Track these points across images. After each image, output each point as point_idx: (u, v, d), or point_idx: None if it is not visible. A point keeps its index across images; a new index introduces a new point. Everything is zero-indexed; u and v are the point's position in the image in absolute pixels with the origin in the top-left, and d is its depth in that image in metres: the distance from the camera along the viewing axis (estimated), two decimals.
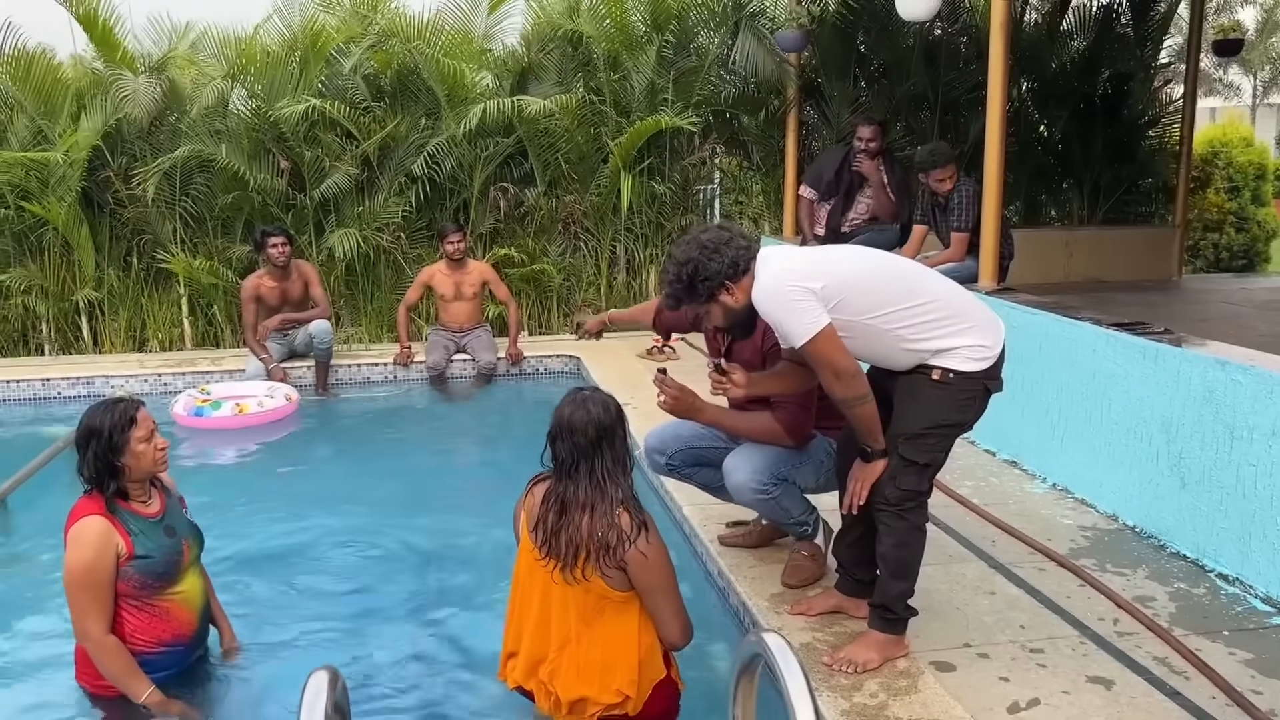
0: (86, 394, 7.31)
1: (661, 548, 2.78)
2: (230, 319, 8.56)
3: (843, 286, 2.99)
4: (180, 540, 3.21)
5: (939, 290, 3.12)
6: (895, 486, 3.09)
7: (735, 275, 3.06)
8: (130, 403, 3.13)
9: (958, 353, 3.05)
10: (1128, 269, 8.49)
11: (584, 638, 2.82)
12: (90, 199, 8.30)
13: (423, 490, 5.57)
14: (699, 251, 3.06)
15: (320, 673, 1.48)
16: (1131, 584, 3.82)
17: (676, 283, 3.10)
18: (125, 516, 3.08)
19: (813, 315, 2.95)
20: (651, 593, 2.76)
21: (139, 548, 3.05)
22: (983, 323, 3.13)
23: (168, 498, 3.27)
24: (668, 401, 3.46)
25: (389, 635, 3.85)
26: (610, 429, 2.81)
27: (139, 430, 3.06)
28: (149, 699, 3.03)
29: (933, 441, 3.10)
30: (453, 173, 8.62)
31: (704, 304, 3.14)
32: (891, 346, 3.09)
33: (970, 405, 3.13)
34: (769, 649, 1.63)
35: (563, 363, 8.03)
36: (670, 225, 9.13)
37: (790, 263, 3.06)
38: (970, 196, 5.85)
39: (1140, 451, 4.31)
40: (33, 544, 4.70)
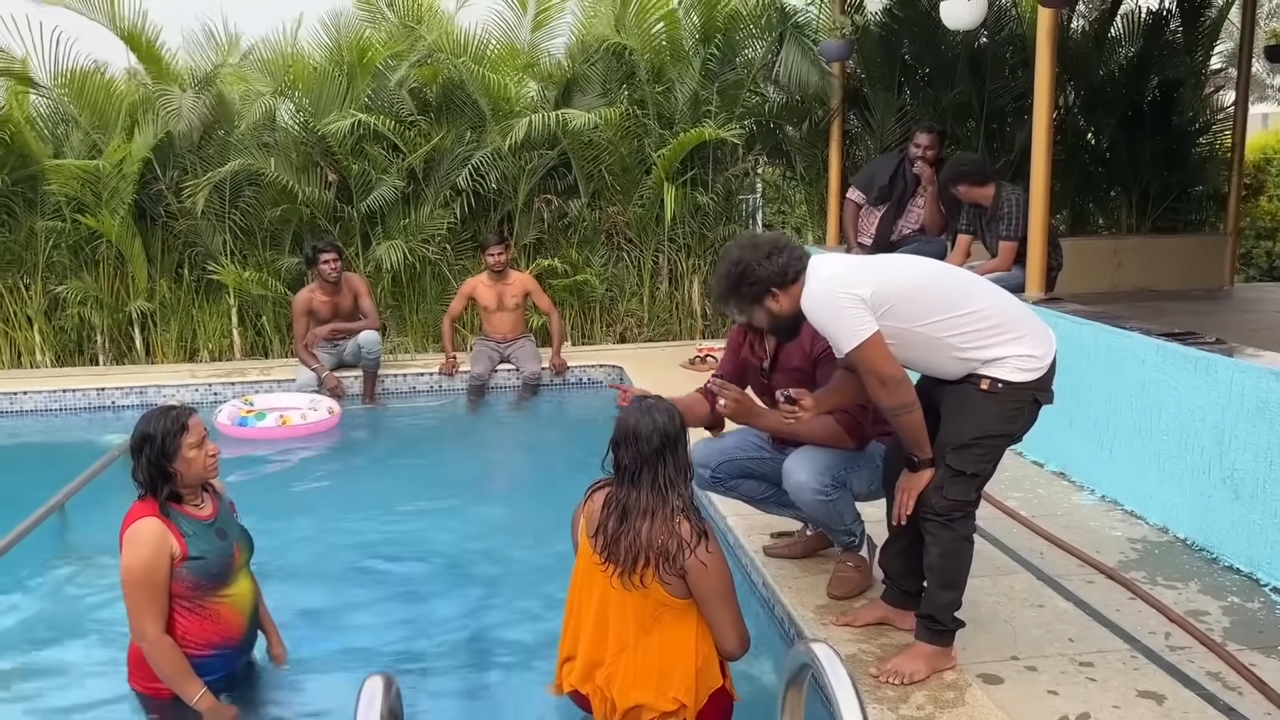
0: (140, 403, 7.45)
1: (721, 557, 2.79)
2: (279, 329, 8.68)
3: (892, 294, 2.98)
4: (231, 543, 3.27)
5: (990, 299, 3.10)
6: (943, 496, 3.07)
7: (783, 282, 3.07)
8: (182, 410, 3.20)
9: (1007, 362, 3.03)
10: (1177, 278, 8.37)
11: (641, 644, 2.82)
12: (143, 212, 8.46)
13: (470, 498, 5.62)
14: (751, 254, 3.08)
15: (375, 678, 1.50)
16: (1183, 598, 3.76)
17: (725, 279, 3.13)
18: (179, 519, 3.14)
19: (860, 322, 2.95)
20: (710, 601, 2.77)
21: (192, 549, 3.11)
22: (1033, 333, 3.11)
23: (219, 502, 3.33)
24: (728, 406, 3.47)
25: (437, 641, 3.88)
26: (674, 437, 2.83)
27: (190, 437, 3.13)
28: (201, 701, 3.08)
29: (981, 452, 3.08)
30: (497, 185, 8.68)
31: (748, 306, 3.14)
32: (941, 355, 3.07)
33: (1019, 416, 3.11)
34: (818, 660, 1.63)
35: (606, 372, 8.06)
36: (713, 236, 9.13)
37: (839, 270, 3.05)
38: (1017, 205, 5.80)
39: (1192, 463, 4.25)
40: (90, 549, 4.80)
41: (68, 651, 3.83)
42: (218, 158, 8.37)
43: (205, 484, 3.28)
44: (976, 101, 8.91)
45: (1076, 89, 9.41)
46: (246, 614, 3.32)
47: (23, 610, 4.17)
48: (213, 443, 3.22)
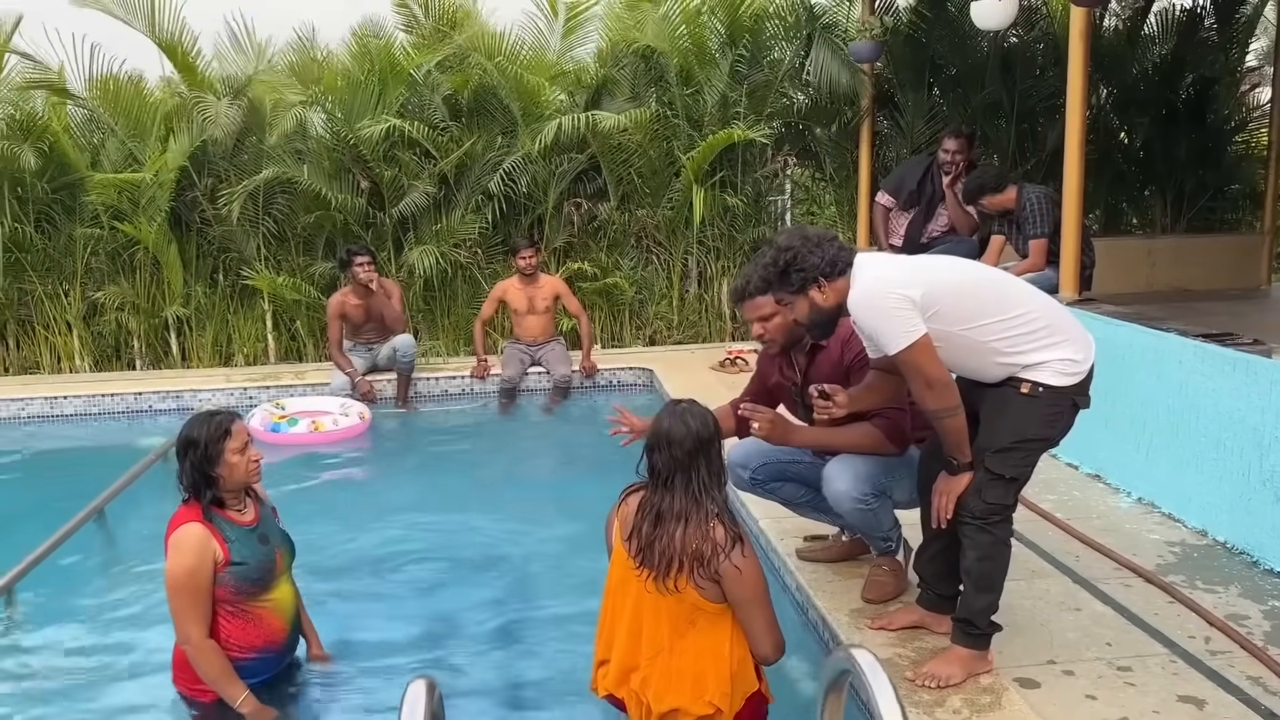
0: (176, 407, 7.54)
1: (756, 561, 2.80)
2: (312, 334, 8.76)
3: (940, 296, 2.97)
4: (273, 549, 3.31)
5: (1033, 302, 3.09)
6: (981, 500, 3.06)
7: (831, 274, 3.05)
8: (225, 415, 3.24)
9: (1048, 366, 3.02)
10: (1213, 277, 8.27)
11: (676, 648, 2.83)
12: (179, 218, 8.57)
13: (502, 500, 5.65)
14: (801, 242, 3.07)
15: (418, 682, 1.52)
16: (1223, 601, 3.72)
17: (772, 266, 3.11)
18: (222, 524, 3.18)
19: (910, 323, 2.93)
20: (744, 606, 2.77)
21: (235, 554, 3.16)
22: (1074, 336, 3.10)
23: (261, 507, 3.37)
24: (762, 428, 3.46)
25: (473, 645, 3.91)
26: (708, 442, 2.84)
27: (233, 442, 3.17)
28: (244, 704, 3.12)
29: (1020, 456, 3.07)
30: (528, 189, 8.73)
31: (792, 294, 3.11)
32: (984, 359, 3.06)
33: (1058, 420, 3.10)
34: (859, 665, 1.64)
35: (636, 375, 8.07)
36: (742, 238, 9.12)
37: (888, 270, 3.05)
38: (1038, 203, 5.76)
39: (1231, 465, 4.21)
40: (130, 551, 4.87)
41: (110, 653, 3.89)
42: (251, 165, 8.47)
43: (248, 489, 3.32)
44: (1007, 101, 8.86)
45: (1109, 87, 9.34)
46: (288, 618, 3.36)
47: (65, 613, 4.23)
48: (256, 449, 3.26)
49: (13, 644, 3.98)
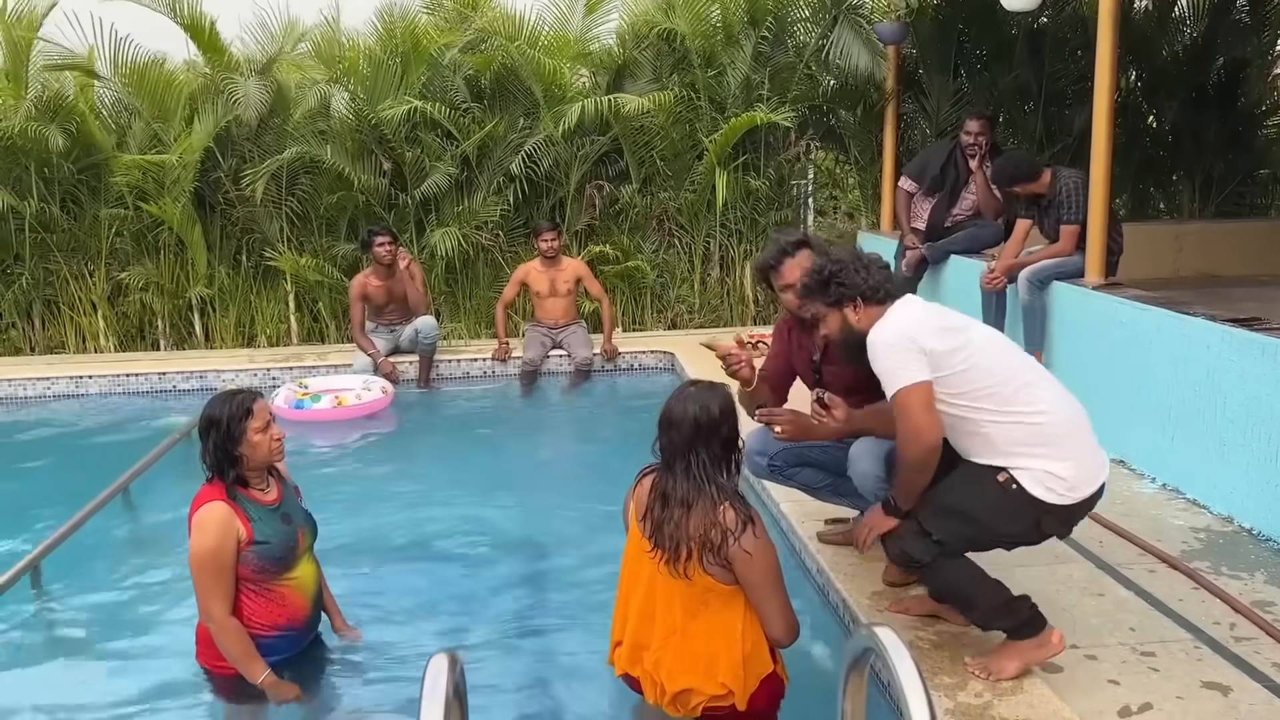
0: (200, 387, 7.59)
1: (767, 544, 2.78)
2: (334, 315, 8.79)
3: (957, 362, 2.91)
4: (296, 528, 3.32)
5: (1057, 411, 2.97)
6: (899, 546, 3.05)
7: (869, 298, 3.05)
8: (248, 395, 3.25)
9: (1032, 473, 2.92)
10: (1241, 263, 8.15)
11: (688, 630, 2.83)
12: (202, 199, 8.60)
13: (523, 481, 5.67)
14: (851, 259, 3.09)
15: (440, 656, 1.51)
16: (1249, 588, 3.69)
17: (817, 274, 3.13)
18: (245, 503, 3.20)
19: (915, 368, 2.91)
20: (756, 589, 2.76)
21: (258, 533, 3.17)
22: (1080, 458, 2.96)
23: (284, 486, 3.38)
24: (785, 431, 3.46)
25: (493, 622, 3.93)
26: (707, 427, 2.79)
27: (255, 421, 3.18)
28: (265, 681, 3.14)
29: (956, 527, 2.97)
30: (550, 171, 8.71)
31: (828, 305, 3.11)
32: (968, 441, 3.01)
33: (1014, 523, 2.98)
34: (882, 645, 1.62)
35: (657, 358, 8.06)
36: (765, 221, 9.08)
37: (922, 316, 3.01)
38: (1075, 188, 5.69)
39: (1259, 451, 4.16)
40: (154, 529, 4.91)
41: (134, 629, 3.92)
42: (275, 145, 8.49)
43: (271, 468, 3.33)
44: (1035, 84, 8.76)
45: (1138, 70, 9.23)
46: (310, 597, 3.37)
47: (90, 590, 4.27)
48: (278, 427, 3.28)
49: (39, 620, 4.03)
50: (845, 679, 1.80)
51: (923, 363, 2.90)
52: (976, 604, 3.07)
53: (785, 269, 3.64)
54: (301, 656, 3.41)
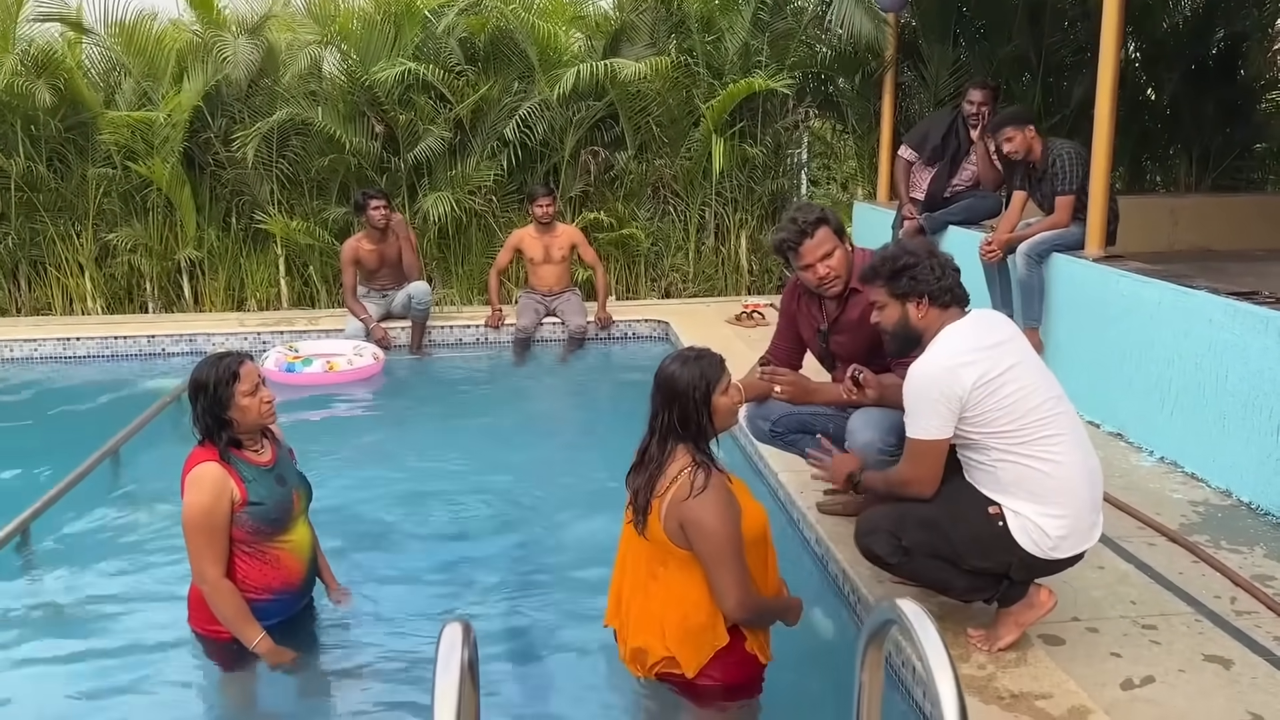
0: (190, 350, 7.51)
1: (722, 515, 2.68)
2: (325, 279, 8.71)
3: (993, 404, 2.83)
4: (290, 489, 3.28)
5: (1067, 460, 2.88)
6: (867, 545, 3.01)
7: (935, 299, 2.97)
8: (234, 357, 3.19)
9: (1023, 517, 2.86)
10: (1236, 238, 8.12)
11: (649, 589, 2.82)
12: (192, 160, 8.48)
13: (516, 448, 5.60)
14: (928, 257, 2.99)
15: (454, 625, 1.47)
16: (1249, 562, 3.68)
17: (891, 260, 3.01)
18: (239, 464, 3.15)
19: (940, 420, 2.85)
20: (705, 558, 2.69)
21: (252, 494, 3.13)
22: (1078, 520, 2.89)
23: (278, 448, 3.34)
24: (785, 392, 3.42)
25: (486, 587, 3.90)
26: (675, 394, 2.76)
27: (243, 385, 3.12)
28: (259, 645, 3.11)
29: (928, 541, 2.93)
30: (544, 136, 8.62)
31: (892, 296, 3.02)
32: (973, 469, 2.96)
33: (985, 558, 2.92)
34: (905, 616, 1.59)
35: (651, 327, 8.01)
36: (761, 189, 9.01)
37: (965, 351, 2.87)
38: (1069, 159, 5.63)
39: (1260, 425, 4.15)
40: (143, 493, 4.85)
41: (126, 593, 3.88)
42: (265, 107, 8.37)
43: (265, 429, 3.28)
44: (1034, 55, 8.69)
45: (1138, 42, 9.16)
46: (305, 560, 3.33)
47: (80, 552, 4.22)
48: (268, 390, 3.22)
49: (28, 583, 3.98)
50: (863, 651, 1.77)
51: (951, 415, 2.84)
52: (951, 586, 3.05)
53: (805, 249, 3.60)
54: (296, 621, 3.37)
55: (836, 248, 3.64)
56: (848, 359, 3.79)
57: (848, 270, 3.68)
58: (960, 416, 2.85)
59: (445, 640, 1.45)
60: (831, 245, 3.63)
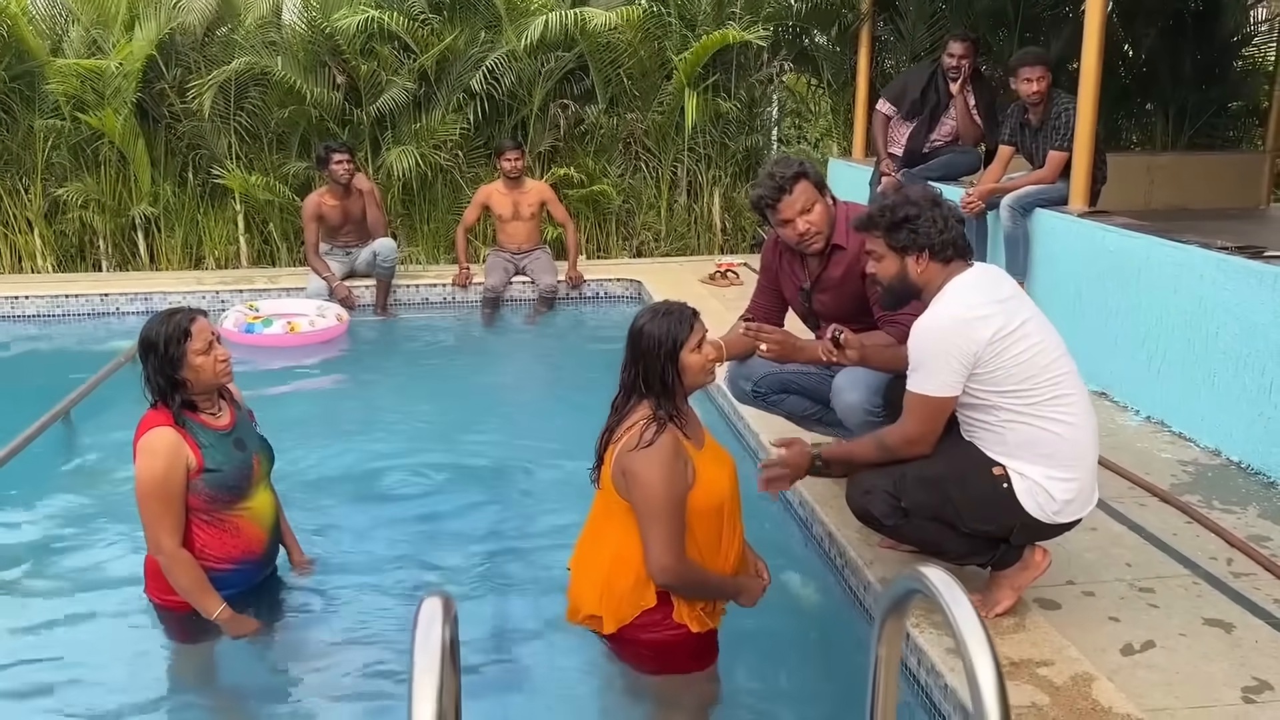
0: (145, 309, 7.25)
1: (661, 470, 2.56)
2: (286, 236, 8.44)
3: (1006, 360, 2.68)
4: (250, 454, 3.09)
5: (1079, 422, 2.75)
6: (863, 504, 2.87)
7: (937, 254, 2.78)
8: (186, 314, 2.97)
9: (1030, 482, 2.73)
10: (1212, 196, 8.07)
11: (595, 542, 2.77)
12: (145, 112, 8.16)
13: (486, 411, 5.47)
14: (931, 208, 2.79)
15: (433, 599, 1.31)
16: (1243, 522, 3.60)
17: (891, 210, 2.81)
18: (195, 429, 2.96)
19: (948, 377, 2.70)
20: (638, 511, 2.59)
21: (208, 460, 2.94)
22: (1083, 484, 2.78)
23: (237, 410, 3.15)
24: (770, 350, 3.27)
25: (455, 553, 3.77)
26: (643, 353, 2.67)
27: (195, 343, 2.91)
28: (221, 615, 2.95)
29: (928, 502, 2.78)
30: (512, 88, 8.36)
31: (890, 248, 2.84)
32: (978, 429, 2.81)
33: (988, 521, 2.79)
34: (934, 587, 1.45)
35: (624, 287, 7.84)
36: (735, 145, 8.82)
37: (979, 305, 2.71)
38: (1071, 114, 5.49)
39: (1252, 383, 4.06)
40: (97, 457, 4.65)
41: (79, 561, 3.69)
42: (222, 56, 8.05)
43: (223, 390, 3.09)
44: (1011, 9, 8.51)
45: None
46: (267, 527, 3.16)
47: (31, 519, 4.03)
48: (224, 347, 3.02)
49: None
50: (882, 623, 1.62)
51: (963, 371, 2.69)
52: (945, 550, 2.92)
53: (783, 205, 3.42)
54: (259, 591, 3.21)
55: (817, 202, 3.47)
56: (831, 318, 3.64)
57: (829, 226, 3.51)
58: (970, 374, 2.71)
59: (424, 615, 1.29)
60: (811, 200, 3.45)
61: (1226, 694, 2.60)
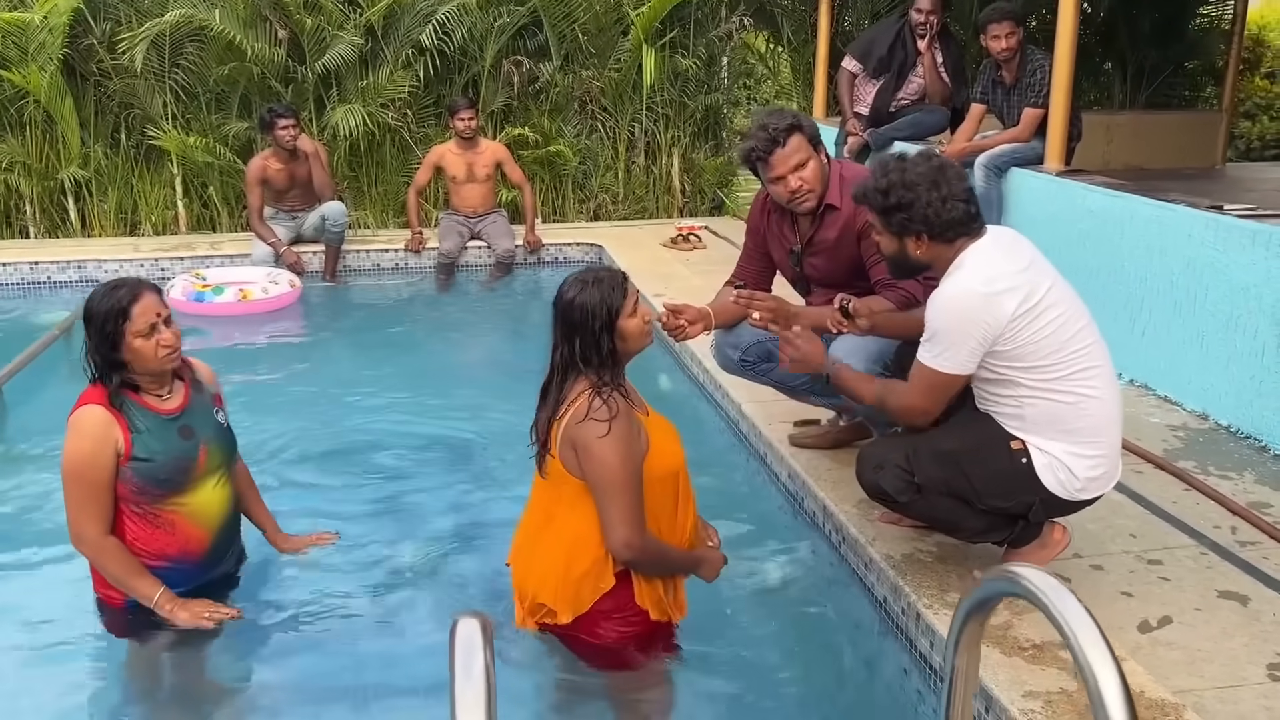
0: (79, 278, 6.88)
1: (615, 441, 2.42)
2: (227, 200, 8.06)
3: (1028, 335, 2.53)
4: (197, 444, 2.78)
5: (1104, 394, 2.63)
6: (875, 480, 2.71)
7: (936, 235, 2.59)
8: (129, 289, 2.67)
9: (1051, 459, 2.60)
10: (1169, 156, 8.04)
11: (543, 535, 2.61)
12: (73, 69, 7.70)
13: (444, 381, 5.26)
14: (928, 190, 2.55)
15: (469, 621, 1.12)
16: (1241, 488, 3.52)
17: (883, 194, 2.60)
18: (133, 411, 2.69)
19: (965, 354, 2.54)
20: (594, 486, 2.45)
21: (138, 448, 2.66)
22: (1109, 459, 2.67)
23: (197, 393, 2.87)
24: (764, 318, 3.09)
25: (414, 524, 3.60)
26: (577, 327, 2.49)
27: (134, 324, 2.62)
28: (160, 599, 2.71)
29: (942, 477, 2.63)
30: (463, 44, 8.02)
31: (885, 230, 2.66)
32: (995, 403, 2.67)
33: (1006, 498, 2.65)
34: (1036, 588, 1.28)
35: (584, 251, 7.61)
36: (694, 104, 8.58)
37: (1004, 276, 2.53)
38: (1047, 72, 5.36)
39: (1242, 345, 3.97)
40: (32, 438, 4.33)
41: (13, 553, 3.39)
42: (155, 9, 7.59)
43: (180, 371, 2.82)
44: None
45: None
46: (210, 527, 2.86)
47: None
48: (171, 328, 2.71)
49: None
50: (960, 630, 1.44)
51: (981, 348, 2.52)
52: (961, 527, 2.79)
53: (775, 160, 3.23)
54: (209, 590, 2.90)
55: (810, 158, 3.28)
56: (823, 282, 3.48)
57: (822, 184, 3.33)
58: (989, 350, 2.55)
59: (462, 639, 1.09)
60: (805, 155, 3.27)
61: (1252, 672, 2.50)
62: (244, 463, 3.08)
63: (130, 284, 2.69)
